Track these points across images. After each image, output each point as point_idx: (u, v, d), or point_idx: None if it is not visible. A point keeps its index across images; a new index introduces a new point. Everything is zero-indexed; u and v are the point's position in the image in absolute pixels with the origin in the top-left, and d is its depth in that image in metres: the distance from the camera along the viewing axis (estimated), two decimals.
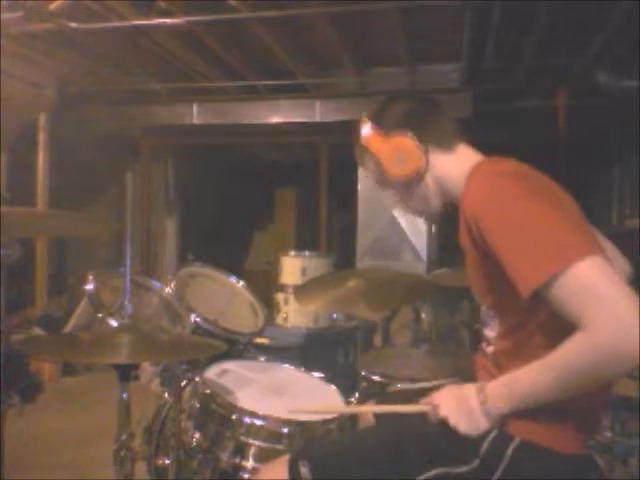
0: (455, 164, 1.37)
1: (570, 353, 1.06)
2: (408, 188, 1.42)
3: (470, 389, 1.21)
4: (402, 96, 1.47)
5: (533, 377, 1.12)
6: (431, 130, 1.38)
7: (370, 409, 1.72)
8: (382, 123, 1.41)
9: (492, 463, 1.20)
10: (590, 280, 1.03)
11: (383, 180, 1.45)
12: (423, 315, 3.46)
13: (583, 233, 1.11)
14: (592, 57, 4.25)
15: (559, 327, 1.08)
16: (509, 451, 1.20)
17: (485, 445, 1.20)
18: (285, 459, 1.35)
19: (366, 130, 1.43)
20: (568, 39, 4.08)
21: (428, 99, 1.46)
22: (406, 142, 1.36)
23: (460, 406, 1.21)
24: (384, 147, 1.39)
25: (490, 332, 1.32)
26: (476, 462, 1.21)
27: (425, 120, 1.40)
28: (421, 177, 1.39)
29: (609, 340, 1.01)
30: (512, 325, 1.25)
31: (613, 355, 1.01)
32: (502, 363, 1.27)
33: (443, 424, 1.21)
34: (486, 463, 1.21)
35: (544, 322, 1.18)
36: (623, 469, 1.97)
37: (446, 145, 1.38)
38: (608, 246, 1.40)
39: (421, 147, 1.36)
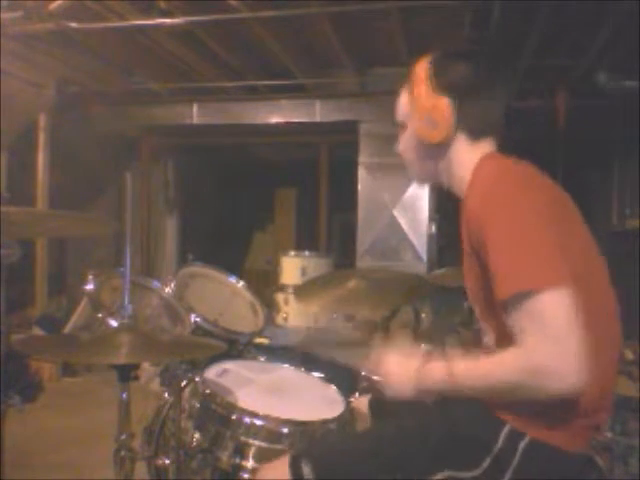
0: (470, 157, 1.31)
1: (501, 364, 1.12)
2: (420, 150, 1.38)
3: (416, 361, 1.26)
4: (472, 56, 1.36)
5: (470, 377, 1.17)
6: (474, 111, 1.31)
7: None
8: (437, 76, 1.30)
9: (504, 461, 1.20)
10: (547, 312, 1.07)
11: (404, 121, 1.40)
12: (423, 315, 3.46)
13: (563, 259, 1.10)
14: (592, 57, 4.25)
15: None
16: (520, 448, 1.19)
17: (500, 441, 1.20)
18: (286, 459, 1.35)
19: (422, 70, 1.33)
20: (568, 39, 4.07)
21: (498, 67, 1.37)
22: (447, 111, 1.28)
23: (397, 371, 1.28)
24: (425, 100, 1.30)
25: (488, 338, 1.32)
26: (487, 462, 1.21)
27: (476, 97, 1.31)
28: (438, 151, 1.34)
29: (538, 357, 1.06)
30: (502, 332, 1.23)
31: (537, 372, 1.06)
32: None
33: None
34: (498, 462, 1.20)
35: None
36: (623, 469, 1.98)
37: (476, 134, 1.33)
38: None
39: (456, 124, 1.29)
